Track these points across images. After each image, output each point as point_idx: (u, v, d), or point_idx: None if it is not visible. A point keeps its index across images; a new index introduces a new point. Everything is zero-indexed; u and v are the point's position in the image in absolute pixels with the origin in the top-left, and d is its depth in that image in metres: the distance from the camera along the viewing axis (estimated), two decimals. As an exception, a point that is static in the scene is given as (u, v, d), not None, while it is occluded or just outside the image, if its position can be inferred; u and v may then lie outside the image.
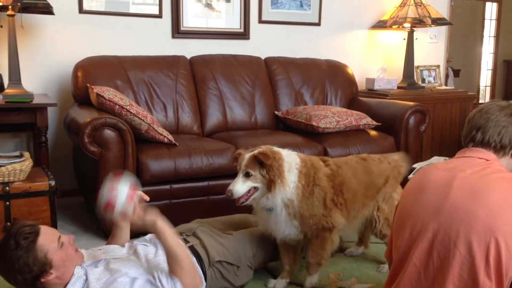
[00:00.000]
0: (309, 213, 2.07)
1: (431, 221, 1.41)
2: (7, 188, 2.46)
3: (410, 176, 2.75)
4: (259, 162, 1.98)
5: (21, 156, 2.63)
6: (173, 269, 1.72)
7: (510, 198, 1.35)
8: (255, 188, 2.02)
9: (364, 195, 2.25)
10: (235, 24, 3.88)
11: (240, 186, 1.99)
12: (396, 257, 1.53)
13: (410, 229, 1.47)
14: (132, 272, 1.74)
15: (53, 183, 2.56)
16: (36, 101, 2.93)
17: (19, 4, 2.83)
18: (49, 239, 1.63)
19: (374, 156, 2.40)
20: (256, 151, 2.02)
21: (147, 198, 1.82)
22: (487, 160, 1.47)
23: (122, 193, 1.65)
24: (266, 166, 1.98)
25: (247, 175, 2.00)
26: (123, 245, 1.94)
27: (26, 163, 2.53)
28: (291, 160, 2.07)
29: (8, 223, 2.47)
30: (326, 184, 2.12)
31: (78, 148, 2.73)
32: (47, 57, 3.38)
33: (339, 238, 2.21)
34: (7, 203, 2.47)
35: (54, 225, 2.56)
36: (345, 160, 2.29)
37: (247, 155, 2.02)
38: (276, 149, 2.08)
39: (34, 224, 1.67)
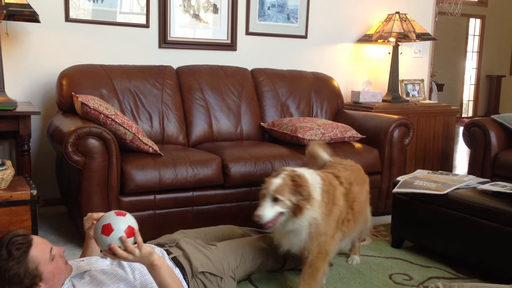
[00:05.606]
0: (325, 230, 2.11)
1: None
2: (-12, 197, 2.42)
3: (395, 190, 2.78)
4: (288, 188, 2.01)
5: (2, 164, 2.59)
6: None
7: None
8: (282, 213, 2.03)
9: (365, 204, 2.44)
10: (223, 35, 3.90)
11: (268, 211, 2.01)
12: None
13: None
14: (122, 286, 1.73)
15: (35, 192, 2.52)
16: (19, 109, 2.90)
17: (4, 11, 2.81)
18: (41, 251, 1.61)
19: (349, 161, 2.53)
20: (282, 177, 2.04)
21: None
22: None
23: (117, 233, 1.61)
24: (296, 192, 2.01)
25: (275, 200, 2.01)
26: (104, 256, 1.92)
27: (7, 172, 2.49)
28: (314, 181, 2.10)
29: (-12, 232, 2.43)
30: (342, 204, 2.19)
31: (61, 157, 2.70)
32: (32, 65, 3.36)
33: (328, 267, 2.24)
34: (-13, 212, 2.43)
35: (34, 234, 2.52)
36: (349, 174, 2.34)
37: (275, 180, 2.03)
38: (299, 171, 2.10)
39: (27, 234, 1.64)
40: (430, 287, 1.70)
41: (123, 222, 1.63)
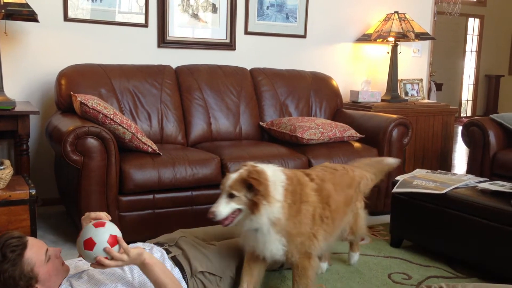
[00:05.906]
0: (297, 231, 2.01)
1: None
2: (-14, 196, 2.42)
3: (394, 189, 2.78)
4: (244, 183, 1.92)
5: (1, 164, 2.59)
6: None
7: None
8: (240, 210, 1.94)
9: (344, 205, 2.29)
10: (221, 35, 3.90)
11: (223, 208, 1.92)
12: None
13: None
14: (120, 285, 1.73)
15: (33, 191, 2.52)
16: (18, 108, 2.90)
17: (3, 11, 2.81)
18: (36, 252, 1.60)
19: (338, 166, 2.44)
20: (240, 172, 1.96)
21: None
22: None
23: (100, 245, 1.59)
24: (252, 188, 1.91)
25: (231, 196, 1.92)
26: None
27: (6, 171, 2.49)
28: (276, 178, 1.99)
29: (-13, 232, 2.42)
30: (314, 199, 2.09)
31: (60, 157, 2.70)
32: (31, 64, 3.35)
33: (318, 261, 2.17)
34: (-14, 211, 2.42)
35: (33, 234, 2.52)
36: (324, 173, 2.27)
37: (232, 175, 1.95)
38: (260, 167, 2.00)
39: (21, 236, 1.63)
40: (433, 287, 1.69)
41: (104, 233, 1.61)
